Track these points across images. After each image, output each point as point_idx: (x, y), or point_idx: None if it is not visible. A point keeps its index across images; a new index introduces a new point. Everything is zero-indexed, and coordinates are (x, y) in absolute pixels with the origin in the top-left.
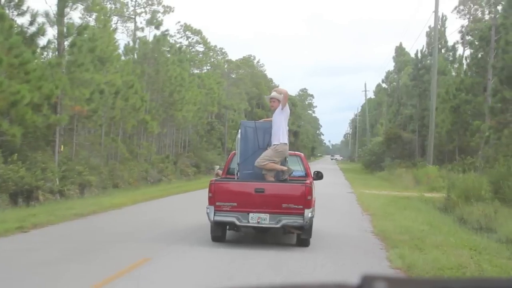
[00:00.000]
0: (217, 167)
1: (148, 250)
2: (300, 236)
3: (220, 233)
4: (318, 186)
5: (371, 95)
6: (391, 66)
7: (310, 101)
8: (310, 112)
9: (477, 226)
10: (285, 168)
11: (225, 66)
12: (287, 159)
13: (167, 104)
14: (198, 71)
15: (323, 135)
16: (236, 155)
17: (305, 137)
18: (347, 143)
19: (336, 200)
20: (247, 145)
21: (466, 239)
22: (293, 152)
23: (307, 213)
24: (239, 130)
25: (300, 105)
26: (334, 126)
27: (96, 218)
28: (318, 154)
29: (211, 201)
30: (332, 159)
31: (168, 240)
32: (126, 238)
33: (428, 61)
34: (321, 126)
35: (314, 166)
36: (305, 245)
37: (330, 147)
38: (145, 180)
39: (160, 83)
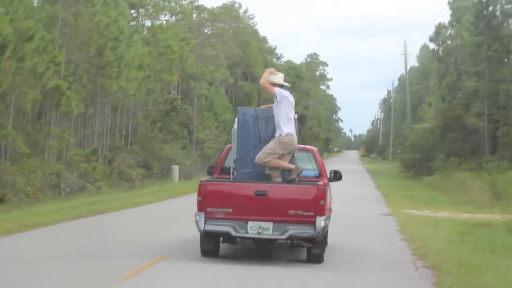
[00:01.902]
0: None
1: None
2: (312, 251)
3: (212, 247)
4: (333, 203)
5: (413, 62)
6: (443, 18)
7: (323, 71)
8: (323, 88)
9: None
10: (292, 166)
11: (194, 17)
12: (295, 155)
13: (95, 69)
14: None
15: (341, 121)
16: (232, 149)
17: (315, 123)
18: (376, 133)
19: (362, 231)
20: (246, 138)
21: None
22: (303, 146)
23: (320, 221)
24: (236, 119)
25: (307, 77)
26: (358, 110)
27: None
28: (336, 149)
29: (201, 206)
30: (372, 156)
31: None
32: None
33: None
34: (340, 109)
35: (330, 166)
36: (317, 261)
37: (353, 138)
38: (57, 188)
39: (82, 35)
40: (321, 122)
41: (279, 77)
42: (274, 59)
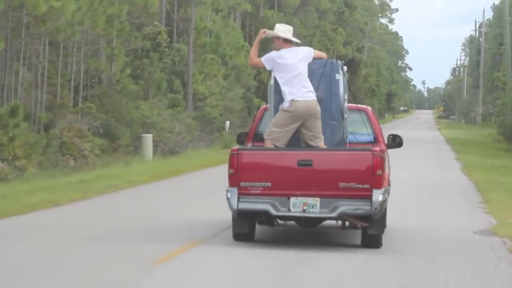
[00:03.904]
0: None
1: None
2: (367, 232)
3: (248, 229)
4: (390, 204)
5: None
6: None
7: None
8: (384, 22)
9: None
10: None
11: None
12: (345, 116)
13: None
14: None
15: (410, 70)
16: (269, 111)
17: (373, 72)
18: (459, 86)
19: (442, 278)
20: None
21: None
22: (355, 105)
23: (377, 195)
24: (272, 73)
25: (361, 6)
26: (433, 54)
27: None
28: (402, 108)
29: (233, 180)
30: (453, 119)
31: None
32: None
33: None
34: (408, 53)
35: (393, 132)
36: (374, 246)
37: (426, 94)
38: None
39: None
40: (382, 71)
41: (283, 29)
42: None
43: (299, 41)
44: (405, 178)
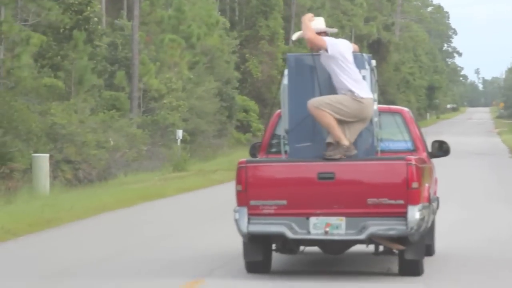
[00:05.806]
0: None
1: None
2: (404, 257)
3: (261, 257)
4: None
5: None
6: None
7: None
8: None
9: None
10: (346, 141)
11: None
12: (375, 120)
13: None
14: None
15: (459, 55)
16: (282, 116)
17: (408, 58)
18: None
19: None
20: (302, 98)
21: None
22: (387, 106)
23: (413, 212)
24: (286, 71)
25: None
26: (490, 35)
27: None
28: (450, 106)
29: (242, 199)
30: None
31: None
32: None
33: None
34: (456, 34)
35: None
36: (414, 273)
37: (481, 86)
38: None
39: None
40: (420, 56)
41: (319, 22)
42: None
43: (336, 30)
44: (439, 245)
